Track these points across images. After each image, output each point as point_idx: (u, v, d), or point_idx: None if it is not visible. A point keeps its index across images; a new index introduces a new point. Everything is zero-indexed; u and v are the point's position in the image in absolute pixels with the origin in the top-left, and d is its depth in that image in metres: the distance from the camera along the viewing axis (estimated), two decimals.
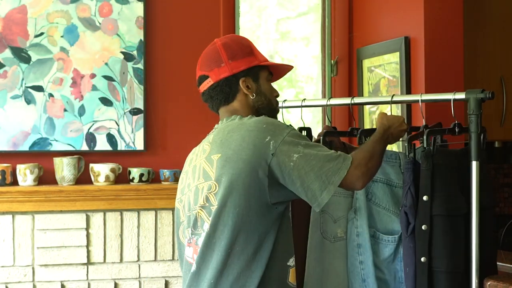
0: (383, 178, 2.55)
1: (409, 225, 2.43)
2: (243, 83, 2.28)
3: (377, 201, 2.55)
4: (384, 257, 2.55)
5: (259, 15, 4.33)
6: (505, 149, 4.63)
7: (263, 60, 2.31)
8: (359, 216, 2.52)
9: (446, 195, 2.46)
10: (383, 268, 2.55)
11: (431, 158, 2.46)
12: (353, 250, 2.54)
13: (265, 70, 2.32)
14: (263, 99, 2.30)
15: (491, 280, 2.51)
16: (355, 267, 2.54)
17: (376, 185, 2.55)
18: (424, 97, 2.68)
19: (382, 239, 2.54)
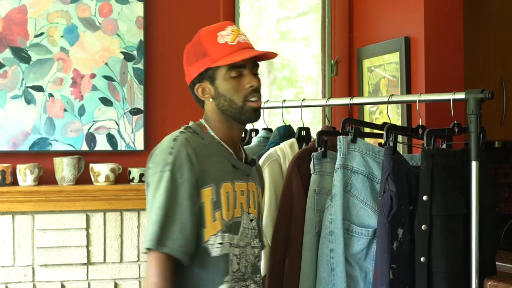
0: (364, 171, 2.54)
1: (391, 211, 2.42)
2: (197, 90, 2.18)
3: (355, 193, 2.53)
4: (355, 251, 2.52)
5: (259, 15, 4.33)
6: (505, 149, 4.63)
7: (218, 58, 2.10)
8: (333, 203, 2.50)
9: (445, 195, 2.46)
10: (354, 263, 2.53)
11: (431, 158, 2.46)
12: (325, 238, 2.51)
13: (223, 68, 2.11)
14: (222, 101, 2.12)
15: (491, 280, 2.51)
16: (325, 255, 2.51)
17: (356, 177, 2.53)
18: (424, 97, 2.68)
19: (355, 231, 2.52)
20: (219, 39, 2.11)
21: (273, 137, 2.96)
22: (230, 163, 2.15)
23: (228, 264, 2.08)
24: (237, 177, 2.16)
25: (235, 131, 2.17)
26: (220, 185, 2.10)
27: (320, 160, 2.58)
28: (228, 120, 2.15)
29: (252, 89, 2.10)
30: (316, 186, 2.57)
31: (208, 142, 2.14)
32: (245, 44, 2.12)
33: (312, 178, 2.58)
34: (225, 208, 2.09)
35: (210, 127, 2.18)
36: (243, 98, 2.11)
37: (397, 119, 3.66)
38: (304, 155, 2.65)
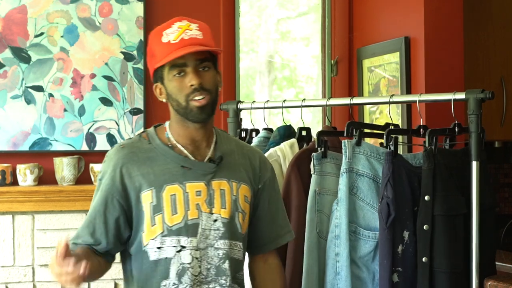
0: (370, 173, 2.54)
1: (390, 217, 2.42)
2: (155, 91, 2.14)
3: (361, 196, 2.53)
4: (363, 253, 2.53)
5: (259, 15, 4.33)
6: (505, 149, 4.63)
7: (161, 58, 2.05)
8: (339, 207, 2.50)
9: (446, 195, 2.46)
10: (361, 265, 2.53)
11: (433, 158, 2.46)
12: (331, 242, 2.52)
13: (166, 68, 2.07)
14: (172, 102, 2.09)
15: (491, 280, 2.51)
16: (330, 259, 2.52)
17: (362, 179, 2.54)
18: (424, 97, 2.68)
19: (363, 234, 2.52)
20: (163, 38, 2.07)
21: (273, 137, 2.96)
22: (179, 164, 2.08)
23: (167, 268, 2.05)
24: (190, 177, 2.08)
25: (193, 130, 2.11)
26: (163, 188, 2.06)
27: (320, 160, 2.58)
28: (182, 120, 2.10)
29: (194, 87, 2.03)
30: (317, 186, 2.56)
31: (154, 146, 2.12)
32: (189, 40, 2.05)
33: (313, 178, 2.58)
34: (167, 211, 2.05)
35: (170, 128, 2.15)
36: (185, 97, 2.05)
37: (397, 119, 3.66)
38: (304, 156, 2.65)
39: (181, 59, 2.04)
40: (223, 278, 2.09)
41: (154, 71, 2.11)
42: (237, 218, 2.13)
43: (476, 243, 2.46)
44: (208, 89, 2.06)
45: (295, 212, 2.61)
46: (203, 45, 2.06)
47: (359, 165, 2.53)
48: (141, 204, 2.06)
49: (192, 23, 2.09)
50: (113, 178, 2.07)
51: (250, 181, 2.18)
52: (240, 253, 2.14)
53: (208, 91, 2.06)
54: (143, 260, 2.06)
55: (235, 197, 2.13)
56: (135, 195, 2.06)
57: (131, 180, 2.06)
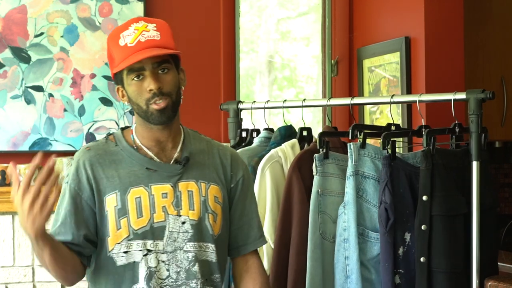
0: (375, 175, 2.54)
1: (389, 221, 2.43)
2: (117, 93, 2.11)
3: (368, 198, 2.53)
4: (372, 255, 2.53)
5: (259, 15, 4.33)
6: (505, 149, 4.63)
7: (119, 61, 2.02)
8: (347, 210, 2.51)
9: (445, 195, 2.45)
10: (370, 267, 2.54)
11: (430, 158, 2.45)
12: (340, 245, 2.52)
13: (125, 72, 2.03)
14: (133, 105, 2.05)
15: (492, 281, 2.51)
16: (340, 262, 2.52)
17: (368, 182, 2.54)
18: (424, 97, 2.68)
19: (371, 237, 2.53)
20: (120, 41, 2.03)
21: (274, 138, 2.96)
22: (144, 166, 2.05)
23: (136, 273, 2.02)
24: (155, 180, 2.05)
25: (156, 131, 2.08)
26: (128, 191, 2.03)
27: (322, 161, 2.58)
28: (145, 122, 2.07)
29: (153, 92, 2.00)
30: (319, 187, 2.56)
31: (120, 149, 2.09)
32: (146, 43, 2.01)
33: (315, 179, 2.58)
34: (133, 215, 2.02)
35: (135, 131, 2.12)
36: (145, 101, 2.02)
37: (398, 119, 3.66)
38: (305, 156, 2.65)
39: (138, 63, 2.00)
40: (194, 281, 2.04)
41: (114, 74, 2.07)
42: (207, 220, 2.07)
43: (477, 243, 2.46)
44: (168, 92, 2.04)
45: (297, 214, 2.60)
46: (161, 46, 2.02)
47: (364, 168, 2.53)
48: (105, 208, 2.02)
49: (149, 23, 2.04)
50: (80, 180, 2.05)
51: (221, 181, 2.13)
52: (213, 255, 2.08)
53: (168, 94, 2.04)
54: (109, 266, 2.03)
55: (204, 198, 2.08)
56: (99, 198, 2.03)
57: (96, 183, 2.04)
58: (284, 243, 2.64)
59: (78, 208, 2.04)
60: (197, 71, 3.87)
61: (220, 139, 3.78)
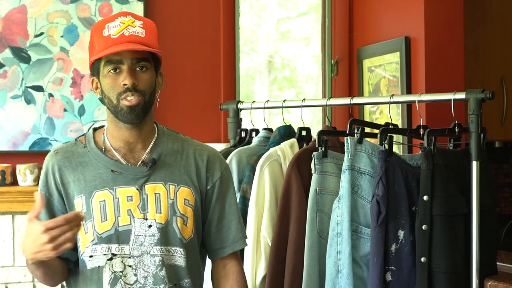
0: (371, 171, 2.54)
1: (380, 215, 2.42)
2: (91, 84, 2.07)
3: (363, 194, 2.53)
4: (364, 252, 2.52)
5: (259, 15, 4.33)
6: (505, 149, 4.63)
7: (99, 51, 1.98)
8: (341, 205, 2.50)
9: (445, 195, 2.45)
10: (363, 264, 2.53)
11: (431, 158, 2.45)
12: (332, 240, 2.52)
13: (102, 63, 1.99)
14: (105, 99, 2.01)
15: (492, 280, 2.51)
16: (332, 257, 2.51)
17: (363, 178, 2.54)
18: (424, 97, 2.68)
19: (365, 233, 2.52)
20: (104, 31, 1.99)
21: (273, 137, 2.96)
22: (109, 169, 2.01)
23: (100, 277, 1.98)
24: (120, 182, 2.00)
25: (125, 131, 2.03)
26: (92, 194, 1.99)
27: (321, 160, 2.58)
28: (115, 120, 2.02)
29: (126, 87, 1.95)
30: (317, 185, 2.56)
31: (88, 150, 2.06)
32: (129, 37, 1.97)
33: (313, 177, 2.58)
34: (97, 218, 1.98)
35: (107, 130, 2.08)
36: (117, 96, 1.97)
37: (397, 119, 3.66)
38: (304, 155, 2.65)
39: (117, 56, 1.96)
40: (161, 286, 1.99)
41: (92, 64, 2.03)
42: (175, 223, 2.01)
43: (477, 243, 2.46)
44: (142, 90, 1.99)
45: (296, 212, 2.61)
46: (144, 44, 1.98)
47: (360, 163, 2.53)
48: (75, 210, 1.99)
49: (136, 20, 2.01)
50: (49, 186, 2.03)
51: (193, 183, 2.07)
52: (181, 260, 2.02)
53: (141, 92, 1.98)
54: (83, 269, 2.01)
55: (172, 200, 2.02)
56: (69, 202, 2.02)
57: (64, 187, 2.02)
58: (282, 241, 2.64)
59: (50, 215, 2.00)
60: (197, 71, 3.87)
61: (219, 139, 3.78)
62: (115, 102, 1.98)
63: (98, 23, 2.03)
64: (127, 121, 2.00)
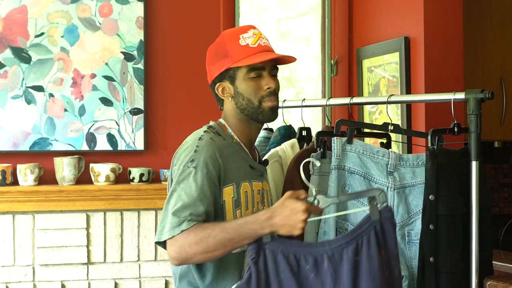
0: (361, 171, 2.54)
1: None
2: (217, 89, 2.26)
3: None
4: None
5: (259, 15, 4.34)
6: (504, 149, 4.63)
7: (239, 59, 2.19)
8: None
9: (449, 195, 2.46)
10: None
11: (435, 158, 2.46)
12: (320, 238, 2.52)
13: (243, 69, 2.20)
14: (241, 101, 2.21)
15: (491, 280, 2.51)
16: None
17: (353, 177, 2.54)
18: (424, 97, 2.69)
19: None
20: (241, 41, 2.20)
21: (274, 137, 2.96)
22: (248, 163, 2.24)
23: (241, 261, 2.17)
24: (254, 177, 2.25)
25: (253, 129, 2.27)
26: (240, 184, 2.19)
27: (320, 161, 2.58)
28: (246, 119, 2.24)
29: (270, 90, 2.20)
30: (316, 186, 2.57)
31: (229, 143, 2.23)
32: (265, 47, 2.21)
33: (312, 178, 2.58)
34: (244, 207, 2.18)
35: (229, 126, 2.26)
36: (259, 98, 2.20)
37: (397, 119, 3.67)
38: (304, 155, 2.65)
39: (261, 63, 2.19)
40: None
41: (224, 71, 2.21)
42: None
43: (476, 243, 2.46)
44: (278, 93, 2.25)
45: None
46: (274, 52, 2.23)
47: (350, 163, 2.53)
48: (223, 198, 2.15)
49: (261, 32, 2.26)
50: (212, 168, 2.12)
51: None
52: None
53: (277, 96, 2.25)
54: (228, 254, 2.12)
55: (271, 197, 2.35)
56: (221, 187, 2.15)
57: (223, 172, 2.15)
58: None
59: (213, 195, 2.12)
60: (198, 71, 3.87)
61: None
62: (257, 103, 2.21)
63: (229, 33, 2.24)
64: (267, 120, 2.25)
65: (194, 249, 2.01)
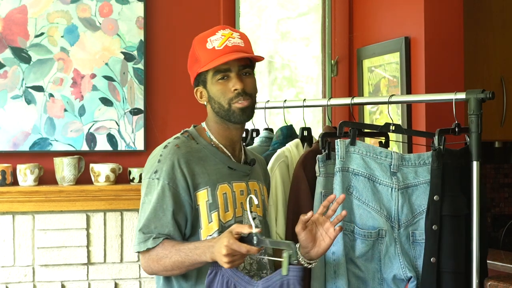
0: (365, 172, 2.54)
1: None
2: (196, 93, 2.28)
3: (357, 195, 2.53)
4: (361, 252, 2.52)
5: (259, 15, 4.33)
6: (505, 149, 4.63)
7: (206, 63, 2.21)
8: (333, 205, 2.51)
9: (454, 195, 2.46)
10: (360, 264, 2.53)
11: (441, 158, 2.46)
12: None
13: (210, 72, 2.22)
14: (214, 104, 2.23)
15: (492, 280, 2.52)
16: (328, 258, 2.53)
17: (357, 179, 2.54)
18: (425, 97, 2.69)
19: (359, 233, 2.52)
20: (208, 44, 2.21)
21: (276, 137, 2.96)
22: (226, 165, 2.24)
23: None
24: (234, 178, 2.24)
25: (232, 131, 2.26)
26: (216, 187, 2.19)
27: (325, 162, 2.58)
28: (222, 121, 2.24)
29: (237, 92, 2.18)
30: (322, 188, 2.56)
31: (203, 146, 2.23)
32: (233, 47, 2.19)
33: (318, 180, 2.57)
34: (222, 209, 2.19)
35: (209, 129, 2.28)
36: (228, 101, 2.19)
37: (398, 119, 3.67)
38: (309, 157, 2.65)
39: (225, 65, 2.18)
40: (264, 271, 2.23)
41: (197, 75, 2.24)
42: (267, 216, 2.36)
43: (477, 244, 2.46)
44: (249, 93, 2.22)
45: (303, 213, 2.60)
46: (245, 52, 2.21)
47: (353, 164, 2.53)
48: (197, 202, 2.17)
49: (234, 32, 2.24)
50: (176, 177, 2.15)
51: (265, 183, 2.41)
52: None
53: (249, 95, 2.22)
54: None
55: (263, 197, 2.34)
56: (193, 192, 2.16)
57: (191, 178, 2.16)
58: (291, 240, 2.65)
59: (178, 205, 2.15)
60: None
61: None
62: (227, 106, 2.20)
63: (199, 38, 2.25)
64: (239, 122, 2.23)
65: (156, 267, 2.13)
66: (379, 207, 2.51)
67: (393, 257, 2.51)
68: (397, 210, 2.53)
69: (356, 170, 2.53)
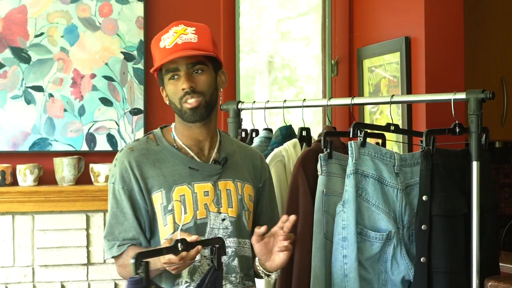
0: (375, 174, 2.53)
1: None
2: (162, 93, 2.23)
3: (367, 197, 2.53)
4: (369, 255, 2.52)
5: (259, 15, 4.33)
6: (505, 149, 4.63)
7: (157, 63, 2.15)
8: (346, 209, 2.49)
9: (445, 195, 2.45)
10: (368, 266, 2.53)
11: (430, 158, 2.46)
12: (338, 244, 2.51)
13: (162, 72, 2.17)
14: (171, 104, 2.18)
15: (492, 281, 2.51)
16: (338, 261, 2.51)
17: (367, 181, 2.53)
18: (426, 97, 2.69)
19: (369, 236, 2.52)
20: (161, 43, 2.15)
21: (275, 137, 2.96)
22: (187, 165, 2.16)
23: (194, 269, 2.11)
24: (197, 178, 2.15)
25: (194, 130, 2.18)
26: (172, 188, 2.13)
27: (327, 161, 2.58)
28: (182, 121, 2.18)
29: (185, 91, 2.11)
30: (324, 187, 2.56)
31: (162, 148, 2.18)
32: (182, 45, 2.12)
33: (320, 179, 2.57)
34: (178, 212, 2.11)
35: (175, 130, 2.22)
36: (179, 100, 2.14)
37: (398, 119, 3.66)
38: (309, 156, 2.64)
39: (173, 64, 2.11)
40: (233, 275, 2.16)
41: (157, 75, 2.20)
42: (244, 217, 2.20)
43: (477, 243, 2.46)
44: (201, 91, 2.12)
45: (302, 213, 2.59)
46: (197, 49, 2.11)
47: (364, 166, 2.52)
48: (153, 205, 2.13)
49: (188, 27, 2.16)
50: (127, 181, 2.13)
51: (252, 181, 2.26)
52: (249, 251, 2.19)
53: (201, 93, 2.12)
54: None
55: (241, 196, 2.20)
56: (148, 196, 2.13)
57: (144, 181, 2.13)
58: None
59: (136, 208, 2.13)
60: None
61: None
62: (179, 106, 2.14)
63: (155, 37, 2.19)
64: (191, 121, 2.15)
65: (123, 273, 2.14)
66: (388, 209, 2.50)
67: (400, 259, 2.51)
68: (401, 211, 2.53)
69: (366, 172, 2.52)
